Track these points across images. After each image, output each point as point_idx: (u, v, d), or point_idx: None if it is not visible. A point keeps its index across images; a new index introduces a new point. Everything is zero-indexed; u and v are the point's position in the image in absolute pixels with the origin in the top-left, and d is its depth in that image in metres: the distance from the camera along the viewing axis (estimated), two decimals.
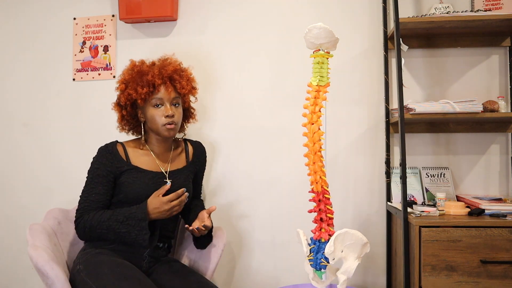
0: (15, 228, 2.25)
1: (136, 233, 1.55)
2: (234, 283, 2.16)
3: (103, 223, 1.57)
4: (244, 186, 2.15)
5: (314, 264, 1.50)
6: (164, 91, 1.68)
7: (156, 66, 1.74)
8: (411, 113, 1.78)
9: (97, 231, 1.58)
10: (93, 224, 1.58)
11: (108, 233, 1.58)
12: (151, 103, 1.68)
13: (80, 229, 1.61)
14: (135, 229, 1.55)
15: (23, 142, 2.28)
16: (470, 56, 2.04)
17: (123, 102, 1.72)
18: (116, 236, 1.57)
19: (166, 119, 1.68)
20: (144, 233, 1.55)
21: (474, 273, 1.59)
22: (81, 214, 1.61)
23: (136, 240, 1.56)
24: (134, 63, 1.75)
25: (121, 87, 1.72)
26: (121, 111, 1.76)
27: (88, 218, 1.59)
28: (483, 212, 1.72)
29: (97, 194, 1.63)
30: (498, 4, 1.97)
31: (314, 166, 1.50)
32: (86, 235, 1.61)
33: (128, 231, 1.56)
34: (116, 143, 1.73)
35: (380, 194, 2.07)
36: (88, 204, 1.62)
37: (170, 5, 2.10)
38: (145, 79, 1.67)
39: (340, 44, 1.55)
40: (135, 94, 1.67)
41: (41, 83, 2.28)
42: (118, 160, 1.68)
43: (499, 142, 2.03)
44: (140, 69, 1.71)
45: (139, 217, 1.56)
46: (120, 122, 1.80)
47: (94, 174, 1.66)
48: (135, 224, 1.55)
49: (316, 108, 1.51)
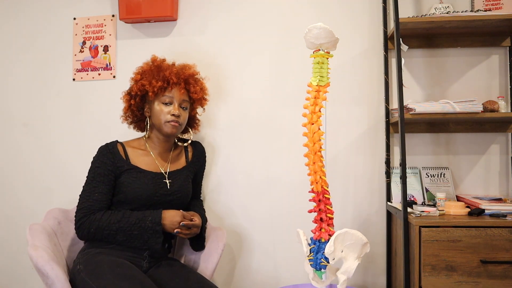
0: (15, 228, 2.25)
1: (149, 236, 1.56)
2: (234, 283, 2.16)
3: (113, 224, 1.56)
4: (244, 186, 2.15)
5: (314, 264, 1.50)
6: (177, 91, 1.72)
7: (175, 67, 1.78)
8: (411, 113, 1.78)
9: (104, 232, 1.57)
10: (101, 225, 1.56)
11: (116, 235, 1.56)
12: (161, 99, 1.71)
13: (84, 229, 1.58)
14: (147, 232, 1.56)
15: (23, 142, 2.28)
16: (470, 56, 2.04)
17: (134, 91, 1.74)
18: (126, 238, 1.56)
19: (172, 117, 1.69)
20: (157, 236, 1.56)
21: (474, 273, 1.59)
22: (84, 213, 1.59)
23: (148, 242, 1.56)
24: (155, 58, 1.79)
25: (136, 76, 1.75)
26: (130, 101, 1.77)
27: (94, 219, 1.57)
28: (483, 212, 1.72)
29: (99, 193, 1.62)
30: (498, 4, 1.97)
31: (314, 166, 1.50)
32: (89, 235, 1.59)
33: (140, 233, 1.56)
34: (116, 143, 1.74)
35: (380, 194, 2.07)
36: (91, 204, 1.60)
37: (170, 5, 2.10)
38: (162, 74, 1.70)
39: (340, 44, 1.55)
40: (148, 85, 1.69)
41: (41, 83, 2.28)
42: (118, 160, 1.68)
43: (499, 142, 2.03)
44: (159, 64, 1.75)
45: (153, 220, 1.57)
46: (125, 112, 1.81)
47: (95, 173, 1.65)
48: (148, 228, 1.56)
49: (316, 108, 1.51)
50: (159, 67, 1.74)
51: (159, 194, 1.67)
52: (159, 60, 1.78)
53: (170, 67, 1.76)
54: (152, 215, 1.59)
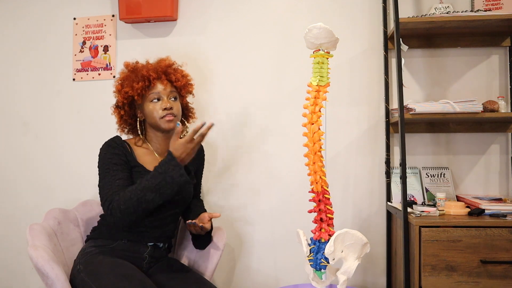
0: (15, 228, 2.25)
1: (172, 173, 1.49)
2: (234, 283, 2.16)
3: (137, 189, 1.50)
4: (244, 186, 2.15)
5: (314, 264, 1.50)
6: (160, 85, 1.70)
7: (150, 64, 1.78)
8: (411, 113, 1.78)
9: (134, 202, 1.49)
10: (127, 196, 1.50)
11: (145, 196, 1.50)
12: (149, 98, 1.69)
13: (117, 212, 1.50)
14: (169, 172, 1.49)
15: (23, 142, 2.28)
16: (470, 56, 2.04)
17: (120, 102, 1.73)
18: (155, 192, 1.50)
19: (165, 111, 1.67)
20: (178, 168, 1.49)
21: (474, 273, 1.59)
22: (112, 198, 1.52)
23: (174, 179, 1.49)
24: (128, 63, 1.78)
25: (117, 87, 1.74)
26: (120, 112, 1.76)
27: (119, 197, 1.51)
28: (483, 212, 1.72)
29: (120, 179, 1.57)
30: (498, 4, 1.97)
31: (314, 166, 1.50)
32: (124, 214, 1.51)
33: (163, 178, 1.49)
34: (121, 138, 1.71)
35: (380, 194, 2.07)
36: (116, 190, 1.54)
37: (170, 5, 2.11)
38: (140, 74, 1.69)
39: (340, 44, 1.55)
40: (131, 91, 1.68)
41: (41, 83, 2.28)
42: (128, 154, 1.66)
43: (499, 142, 2.03)
44: (134, 67, 1.75)
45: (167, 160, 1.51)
46: (119, 124, 1.80)
47: (110, 164, 1.60)
48: (167, 168, 1.49)
49: (316, 108, 1.51)
50: (135, 70, 1.73)
51: None
52: (132, 64, 1.77)
53: (146, 65, 1.75)
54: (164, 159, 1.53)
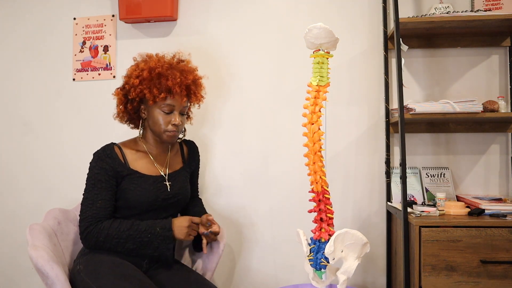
0: (15, 228, 2.25)
1: (160, 242, 1.55)
2: (234, 283, 2.16)
3: (123, 232, 1.53)
4: (244, 186, 2.15)
5: (314, 264, 1.50)
6: (179, 99, 1.65)
7: (176, 70, 1.66)
8: (411, 113, 1.78)
9: (113, 241, 1.53)
10: (111, 233, 1.52)
11: (126, 243, 1.53)
12: (160, 105, 1.64)
13: (91, 239, 1.53)
14: (158, 238, 1.55)
15: (22, 142, 2.28)
16: (470, 56, 2.04)
17: (132, 96, 1.65)
18: (136, 245, 1.54)
19: (172, 127, 1.65)
20: (168, 242, 1.55)
21: (474, 273, 1.59)
22: (90, 222, 1.54)
23: (159, 248, 1.55)
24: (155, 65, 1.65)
25: (134, 81, 1.64)
26: (126, 104, 1.70)
27: (103, 227, 1.53)
28: (483, 212, 1.72)
29: (102, 200, 1.57)
30: (498, 4, 1.97)
31: (314, 166, 1.50)
32: (97, 244, 1.54)
33: (150, 240, 1.54)
34: (113, 146, 1.67)
35: (380, 194, 2.07)
36: (96, 212, 1.55)
37: (170, 5, 2.10)
38: (164, 84, 1.61)
39: (340, 44, 1.55)
40: (149, 94, 1.62)
41: (41, 83, 2.28)
42: (118, 164, 1.62)
43: (499, 142, 2.03)
44: (160, 72, 1.63)
45: (164, 226, 1.56)
46: (120, 112, 1.73)
47: (95, 180, 1.59)
48: (158, 234, 1.54)
49: (316, 108, 1.51)
50: (160, 75, 1.63)
51: (160, 198, 1.64)
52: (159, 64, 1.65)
53: (172, 73, 1.63)
54: (163, 221, 1.58)
